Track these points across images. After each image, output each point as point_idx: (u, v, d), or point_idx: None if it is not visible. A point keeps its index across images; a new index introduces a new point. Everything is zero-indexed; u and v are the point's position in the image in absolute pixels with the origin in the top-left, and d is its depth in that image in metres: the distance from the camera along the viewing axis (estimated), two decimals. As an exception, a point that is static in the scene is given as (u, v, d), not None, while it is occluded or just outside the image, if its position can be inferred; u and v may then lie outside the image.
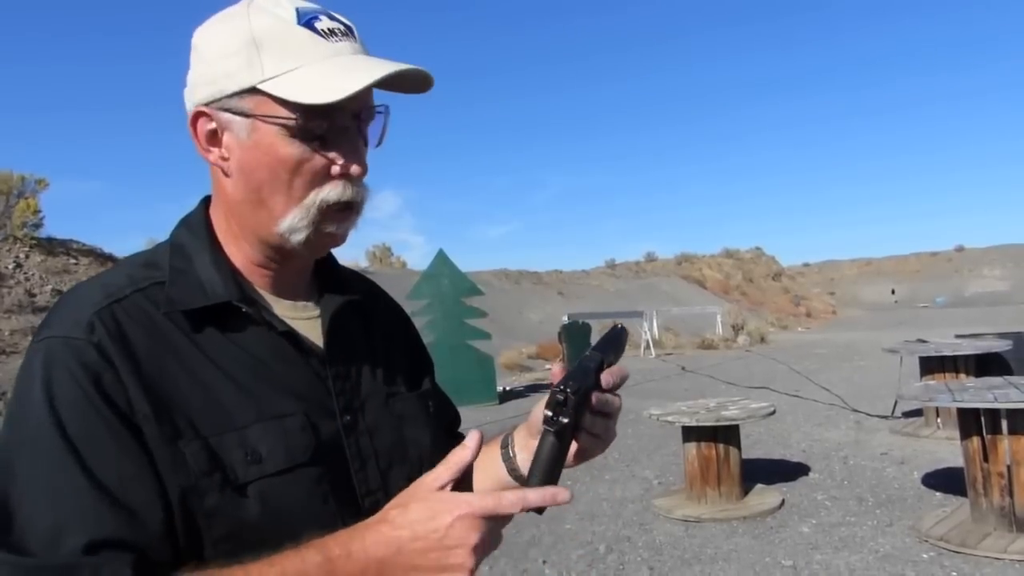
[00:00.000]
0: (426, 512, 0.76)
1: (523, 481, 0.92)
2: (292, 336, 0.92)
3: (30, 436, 0.79)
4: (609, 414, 0.93)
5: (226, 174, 0.91)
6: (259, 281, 0.96)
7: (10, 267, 12.97)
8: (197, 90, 0.91)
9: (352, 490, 0.92)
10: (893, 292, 55.10)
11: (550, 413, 0.81)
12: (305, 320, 0.97)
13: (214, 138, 0.90)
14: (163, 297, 0.89)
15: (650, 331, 20.41)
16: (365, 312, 1.05)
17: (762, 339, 23.02)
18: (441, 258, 12.10)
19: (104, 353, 0.82)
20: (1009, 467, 4.45)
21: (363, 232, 0.95)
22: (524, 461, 0.96)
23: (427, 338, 10.83)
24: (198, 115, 0.90)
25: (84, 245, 14.93)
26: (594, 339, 0.96)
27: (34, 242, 13.82)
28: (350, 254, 24.14)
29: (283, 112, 0.86)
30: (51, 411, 0.79)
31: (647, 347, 19.72)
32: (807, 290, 47.18)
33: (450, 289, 11.84)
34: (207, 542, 0.82)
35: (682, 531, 5.07)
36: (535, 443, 0.85)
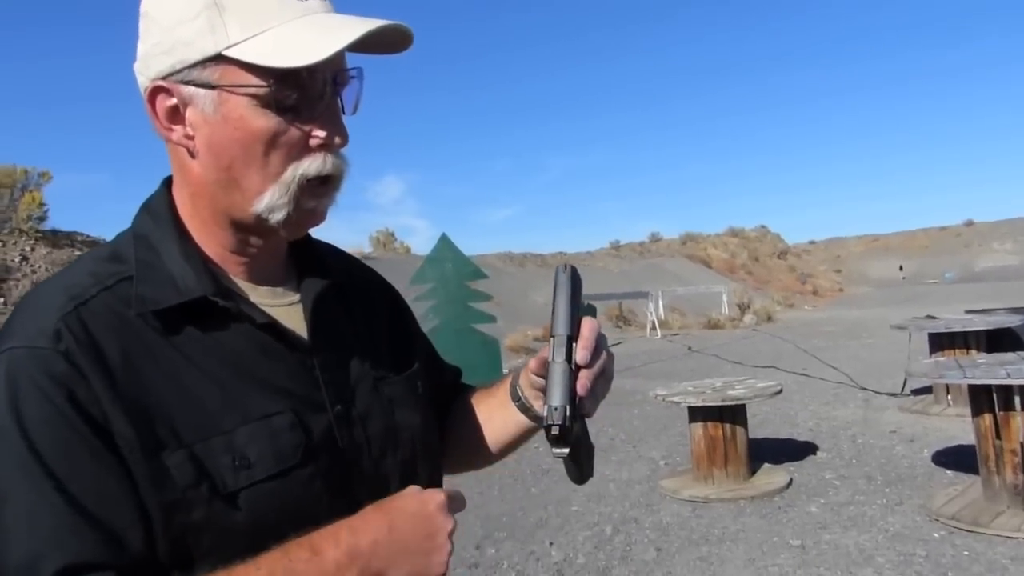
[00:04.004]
0: (413, 499, 0.80)
1: (540, 420, 0.94)
2: (274, 328, 0.85)
3: None
4: (605, 374, 0.91)
5: (192, 154, 0.84)
6: (233, 269, 0.89)
7: (16, 260, 13.03)
8: (152, 62, 0.82)
9: (347, 484, 0.87)
10: (901, 268, 54.85)
11: (554, 449, 0.83)
12: (285, 307, 0.91)
13: (176, 115, 0.83)
14: (133, 295, 0.81)
15: (655, 311, 20.33)
16: (345, 291, 0.99)
17: (768, 318, 22.92)
18: (445, 242, 12.02)
19: (74, 363, 0.75)
20: (1022, 444, 4.38)
21: (367, 217, 0.87)
22: (534, 397, 1.00)
23: (432, 322, 10.83)
24: (156, 91, 0.82)
25: (89, 237, 14.94)
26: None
27: (39, 235, 13.88)
28: (354, 240, 24.07)
29: (253, 80, 0.79)
30: (20, 430, 0.72)
31: (653, 327, 19.65)
32: (813, 268, 46.98)
33: (454, 273, 11.77)
34: (196, 556, 0.77)
35: (689, 511, 5.03)
36: (537, 391, 0.96)
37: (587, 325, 0.88)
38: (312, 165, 0.83)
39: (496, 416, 1.06)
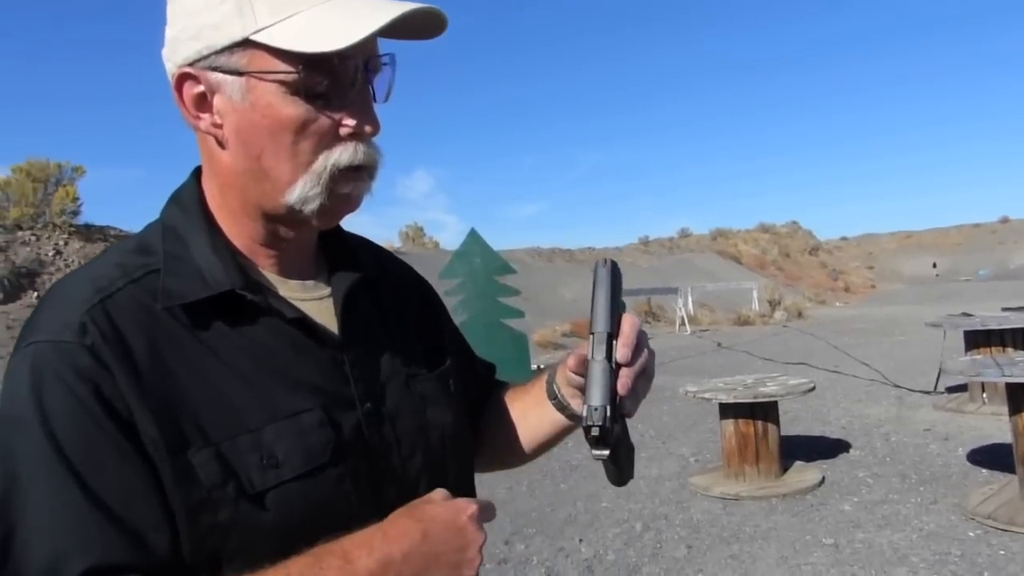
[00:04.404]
0: (447, 509, 0.79)
1: (578, 420, 0.94)
2: (303, 322, 0.83)
3: (21, 455, 0.71)
4: (646, 373, 0.89)
5: (220, 143, 0.82)
6: (263, 262, 0.87)
7: (50, 254, 13.26)
8: (179, 48, 0.80)
9: (376, 484, 0.85)
10: (935, 265, 53.88)
11: (594, 451, 0.82)
12: (316, 301, 0.89)
13: (203, 103, 0.81)
14: (160, 288, 0.80)
15: (685, 307, 20.21)
16: (377, 285, 0.96)
17: (799, 314, 22.67)
18: (473, 236, 12.05)
19: (99, 357, 0.73)
20: (1060, 443, 4.31)
21: (396, 212, 0.88)
22: (571, 396, 0.98)
23: (460, 317, 10.86)
24: (183, 77, 0.80)
25: (122, 231, 15.15)
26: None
27: (72, 229, 14.08)
28: (384, 235, 24.25)
29: (282, 66, 0.77)
30: (44, 426, 0.71)
31: (682, 323, 19.54)
32: (845, 264, 46.34)
33: (482, 267, 11.79)
34: (223, 558, 0.75)
35: (720, 509, 5.01)
36: (574, 389, 0.95)
37: (628, 321, 0.86)
38: (344, 155, 0.80)
39: (531, 414, 1.04)
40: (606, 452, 0.82)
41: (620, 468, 0.87)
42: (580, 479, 5.82)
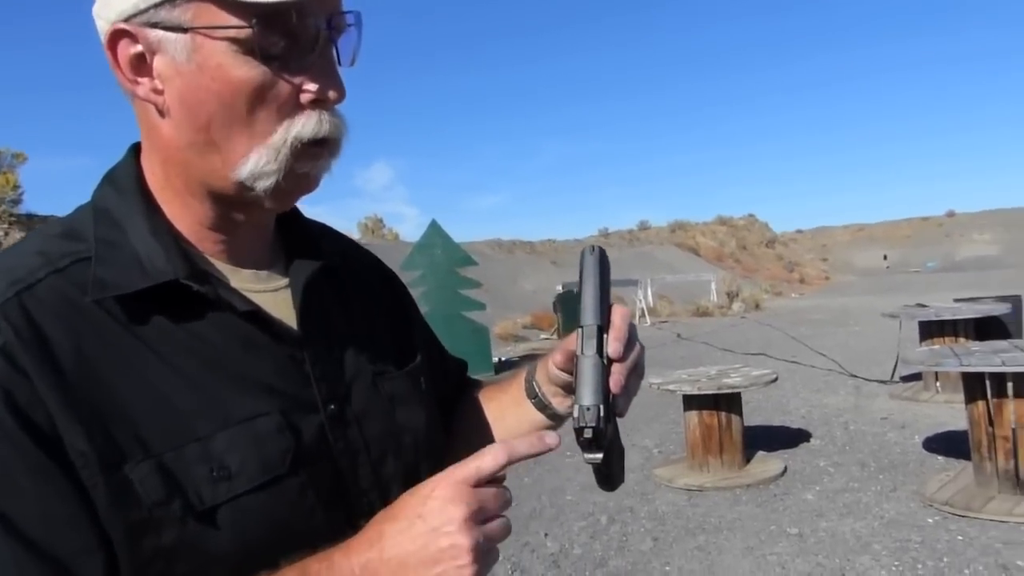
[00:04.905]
0: (409, 497, 0.67)
1: (560, 420, 0.91)
2: (258, 316, 0.74)
3: None
4: (637, 369, 0.83)
5: (162, 112, 0.72)
6: (211, 249, 0.77)
7: (-10, 244, 12.79)
8: (112, 1, 0.70)
9: (343, 494, 0.76)
10: (885, 258, 55.22)
11: (585, 455, 0.74)
12: (271, 293, 0.80)
13: (142, 65, 0.70)
14: (90, 278, 0.69)
15: (645, 299, 20.35)
16: (340, 275, 0.88)
17: (757, 306, 23.01)
18: (434, 228, 11.95)
19: (13, 361, 0.64)
20: (1015, 430, 4.40)
21: (355, 204, 0.77)
22: (553, 394, 0.91)
23: (421, 309, 10.73)
24: (117, 36, 0.70)
25: (66, 221, 14.67)
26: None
27: (13, 219, 13.55)
28: (342, 227, 23.60)
29: (232, 20, 0.67)
30: None
31: (642, 315, 19.67)
32: (800, 256, 47.21)
33: (443, 259, 11.71)
34: None
35: (685, 500, 5.02)
36: (557, 387, 0.88)
37: (619, 313, 0.80)
38: (307, 126, 0.71)
39: (509, 415, 0.96)
40: (599, 456, 0.75)
41: (612, 472, 0.80)
42: (544, 473, 5.79)
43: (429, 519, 0.63)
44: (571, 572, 4.04)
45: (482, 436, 0.99)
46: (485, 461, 0.66)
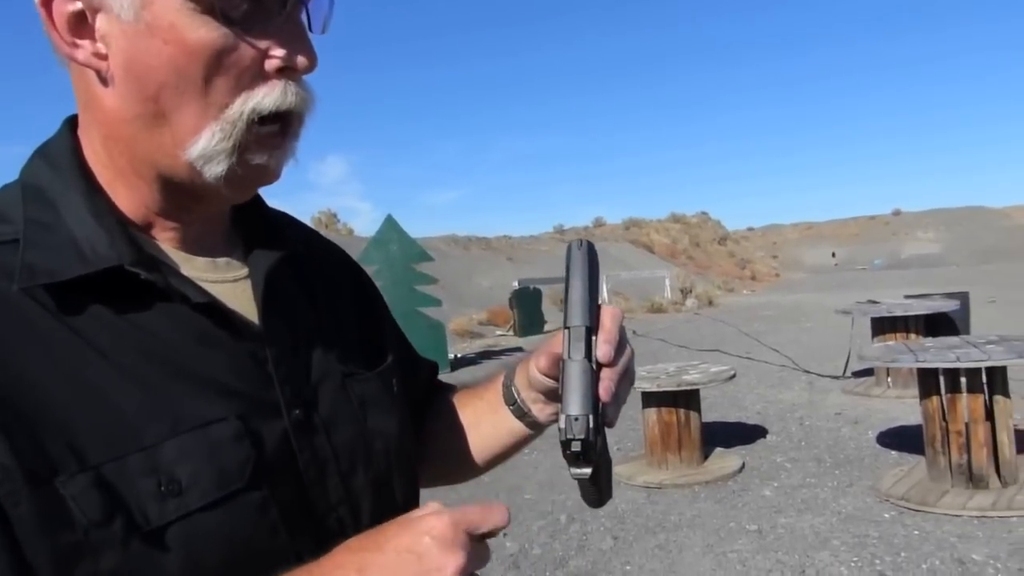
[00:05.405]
0: (398, 528, 0.60)
1: (539, 428, 0.87)
2: (214, 308, 0.66)
3: None
4: (628, 375, 0.75)
5: (104, 80, 0.63)
6: (161, 234, 0.69)
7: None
8: None
9: (309, 510, 0.68)
10: (833, 255, 56.49)
11: (573, 470, 0.68)
12: (230, 284, 0.72)
13: (81, 25, 0.62)
14: (18, 264, 0.61)
15: (600, 295, 20.41)
16: (304, 266, 0.80)
17: (710, 302, 23.28)
18: (390, 223, 11.79)
19: None
20: (967, 425, 4.46)
21: (308, 198, 0.67)
22: (533, 400, 0.85)
23: (376, 306, 10.57)
24: None
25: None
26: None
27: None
28: (294, 221, 23.61)
29: None
30: None
31: (597, 312, 19.73)
32: (751, 254, 47.99)
33: (399, 255, 11.56)
34: None
35: (644, 498, 4.98)
36: (538, 393, 0.82)
37: (608, 314, 0.72)
38: (268, 97, 0.63)
39: (484, 422, 0.90)
40: (588, 471, 0.67)
41: (600, 488, 0.73)
42: (502, 471, 5.67)
43: (425, 560, 0.56)
44: (531, 573, 3.96)
45: (455, 444, 0.92)
46: (494, 517, 0.60)
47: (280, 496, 0.65)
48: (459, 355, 12.98)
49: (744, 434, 6.43)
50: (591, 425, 0.65)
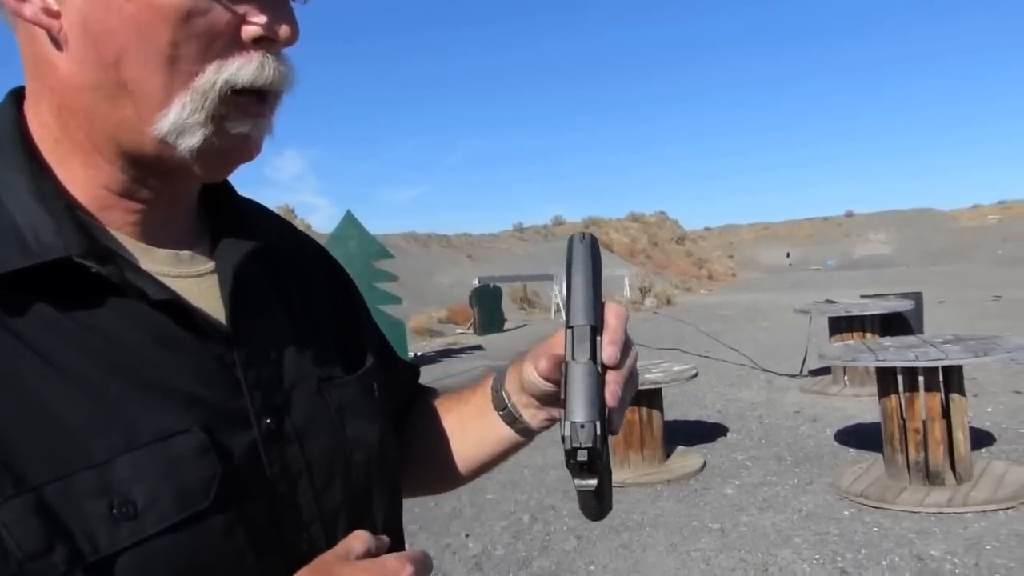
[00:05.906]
0: (362, 571, 0.57)
1: (531, 435, 0.81)
2: (176, 306, 0.59)
3: None
4: (633, 377, 0.70)
5: (57, 42, 0.57)
6: (117, 220, 0.61)
7: None
8: None
9: (279, 531, 0.61)
10: (788, 255, 57.49)
11: (577, 481, 0.64)
12: (194, 279, 0.65)
13: None
14: None
15: (560, 294, 20.46)
16: (277, 261, 0.72)
17: (668, 301, 23.48)
18: (349, 220, 11.63)
19: None
20: (925, 423, 4.53)
21: (264, 194, 0.59)
22: (525, 405, 0.79)
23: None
24: None
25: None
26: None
27: None
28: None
29: None
30: None
31: (557, 309, 19.76)
32: (708, 253, 48.58)
33: (359, 252, 11.40)
34: None
35: (607, 497, 4.96)
36: (531, 397, 0.76)
37: (613, 312, 0.67)
38: (244, 70, 0.57)
39: (471, 429, 0.84)
40: (594, 482, 0.62)
41: (603, 500, 0.67)
42: (464, 470, 5.63)
43: None
44: (494, 574, 3.91)
45: (439, 452, 0.85)
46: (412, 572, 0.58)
47: (248, 517, 0.58)
48: (419, 353, 12.87)
49: (705, 432, 6.46)
50: (598, 433, 0.60)
